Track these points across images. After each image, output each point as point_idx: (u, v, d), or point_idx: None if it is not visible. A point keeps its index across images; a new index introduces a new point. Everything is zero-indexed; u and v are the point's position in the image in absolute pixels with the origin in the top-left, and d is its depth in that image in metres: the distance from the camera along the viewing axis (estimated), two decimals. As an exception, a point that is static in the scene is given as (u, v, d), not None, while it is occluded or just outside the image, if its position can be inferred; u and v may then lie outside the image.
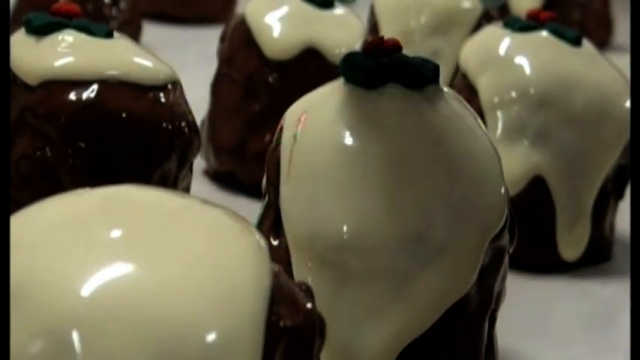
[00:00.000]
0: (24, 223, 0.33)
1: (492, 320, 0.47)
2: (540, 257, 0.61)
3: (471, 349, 0.46)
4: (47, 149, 0.52)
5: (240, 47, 0.71)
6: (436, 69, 0.47)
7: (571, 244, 0.61)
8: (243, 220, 0.34)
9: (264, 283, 0.32)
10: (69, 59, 0.53)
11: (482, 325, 0.46)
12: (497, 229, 0.45)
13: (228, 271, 0.31)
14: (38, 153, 0.53)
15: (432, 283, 0.43)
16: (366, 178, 0.43)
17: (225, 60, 0.72)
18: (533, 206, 0.60)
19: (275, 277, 0.32)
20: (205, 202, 0.34)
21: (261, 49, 0.69)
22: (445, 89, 0.47)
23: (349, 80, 0.46)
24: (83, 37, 0.55)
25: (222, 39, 0.73)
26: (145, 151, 0.53)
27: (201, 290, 0.30)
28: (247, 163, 0.70)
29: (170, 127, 0.54)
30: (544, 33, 0.64)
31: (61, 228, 0.33)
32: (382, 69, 0.46)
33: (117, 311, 0.30)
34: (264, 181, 0.48)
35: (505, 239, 0.46)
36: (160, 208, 0.33)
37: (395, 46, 0.47)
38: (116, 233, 0.32)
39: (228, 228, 0.33)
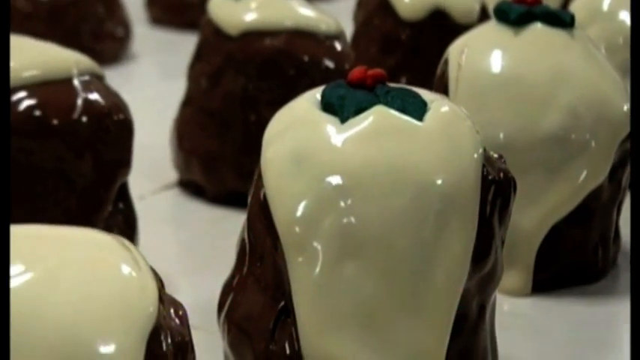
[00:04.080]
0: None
1: (619, 211, 0.59)
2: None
3: (602, 231, 0.57)
4: (248, 85, 0.65)
5: (376, 10, 0.82)
6: (572, 16, 0.58)
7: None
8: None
9: (479, 151, 0.44)
10: (262, 14, 0.66)
11: (612, 212, 0.58)
12: (625, 134, 0.56)
13: (456, 142, 0.43)
14: (240, 89, 0.65)
15: (575, 173, 0.55)
16: (519, 91, 0.55)
17: (362, 22, 0.84)
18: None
19: (483, 148, 0.44)
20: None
21: (396, 11, 0.81)
22: (580, 31, 0.58)
23: (501, 20, 0.58)
24: (270, -4, 0.68)
25: (359, 5, 0.85)
26: (323, 89, 0.66)
27: (439, 155, 0.42)
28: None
29: (343, 69, 0.66)
30: (644, -11, 0.75)
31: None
32: (529, 11, 0.57)
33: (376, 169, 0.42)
34: (430, 103, 0.60)
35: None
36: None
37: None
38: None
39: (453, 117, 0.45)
